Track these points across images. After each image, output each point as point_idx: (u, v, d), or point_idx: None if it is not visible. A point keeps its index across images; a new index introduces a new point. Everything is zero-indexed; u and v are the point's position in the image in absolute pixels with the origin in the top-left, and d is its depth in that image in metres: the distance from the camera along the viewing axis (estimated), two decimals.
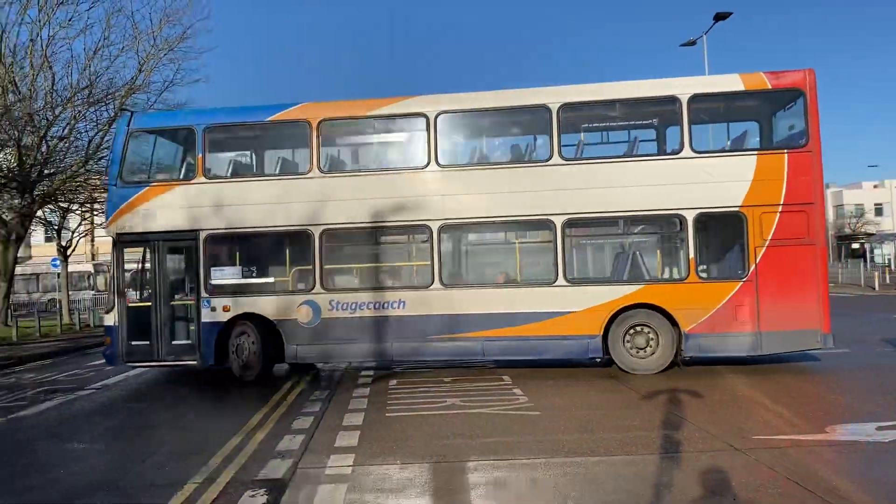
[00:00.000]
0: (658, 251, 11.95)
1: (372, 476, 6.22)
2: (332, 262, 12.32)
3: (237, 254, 12.65)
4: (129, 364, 12.58)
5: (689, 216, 11.20)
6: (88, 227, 36.00)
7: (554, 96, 11.75)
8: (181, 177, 13.04)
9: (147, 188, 12.62)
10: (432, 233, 11.73)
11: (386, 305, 11.90)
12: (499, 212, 11.77)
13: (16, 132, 23.40)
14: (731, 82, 11.49)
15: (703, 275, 11.40)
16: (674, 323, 11.16)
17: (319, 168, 12.10)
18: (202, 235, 12.25)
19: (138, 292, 12.92)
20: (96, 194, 30.40)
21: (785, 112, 11.88)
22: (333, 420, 8.55)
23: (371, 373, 12.33)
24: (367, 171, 12.80)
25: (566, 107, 11.71)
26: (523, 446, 7.03)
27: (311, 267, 12.04)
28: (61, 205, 30.01)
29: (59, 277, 35.44)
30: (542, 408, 8.83)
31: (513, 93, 12.26)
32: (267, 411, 9.27)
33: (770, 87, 11.36)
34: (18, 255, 28.44)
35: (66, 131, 27.30)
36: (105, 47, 27.79)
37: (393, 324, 11.78)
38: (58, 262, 33.27)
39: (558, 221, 11.45)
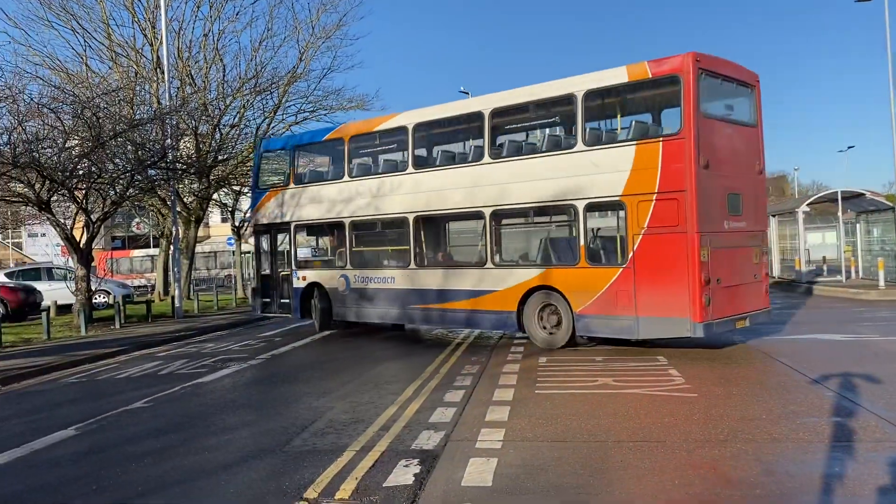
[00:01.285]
0: (559, 238, 12.79)
1: (522, 451, 6.23)
2: (357, 245, 15.78)
3: (311, 238, 17.30)
4: (262, 314, 18.39)
5: (581, 206, 11.89)
6: None
7: (486, 103, 13.37)
8: (282, 184, 17.27)
9: (268, 192, 17.47)
10: (409, 223, 14.27)
11: (384, 280, 15.06)
12: (448, 206, 13.86)
13: (193, 122, 25.32)
14: (617, 75, 11.75)
15: (592, 261, 11.92)
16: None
17: (349, 174, 15.58)
18: (292, 225, 16.70)
19: (266, 265, 17.87)
20: None
21: (669, 99, 11.75)
22: (484, 395, 8.65)
23: (521, 349, 12.35)
24: (373, 176, 15.40)
25: (494, 112, 13.21)
26: (678, 429, 6.77)
27: (344, 249, 15.76)
28: (234, 188, 32.18)
29: (233, 255, 38.22)
30: (699, 390, 8.46)
31: (458, 103, 14.92)
32: (420, 384, 9.54)
33: (651, 76, 11.43)
34: (198, 234, 30.95)
35: (236, 119, 29.27)
36: (269, 38, 29.46)
37: (388, 294, 14.89)
38: (232, 241, 35.79)
39: (487, 213, 13.09)
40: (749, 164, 12.17)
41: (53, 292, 24.43)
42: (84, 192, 19.93)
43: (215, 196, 31.41)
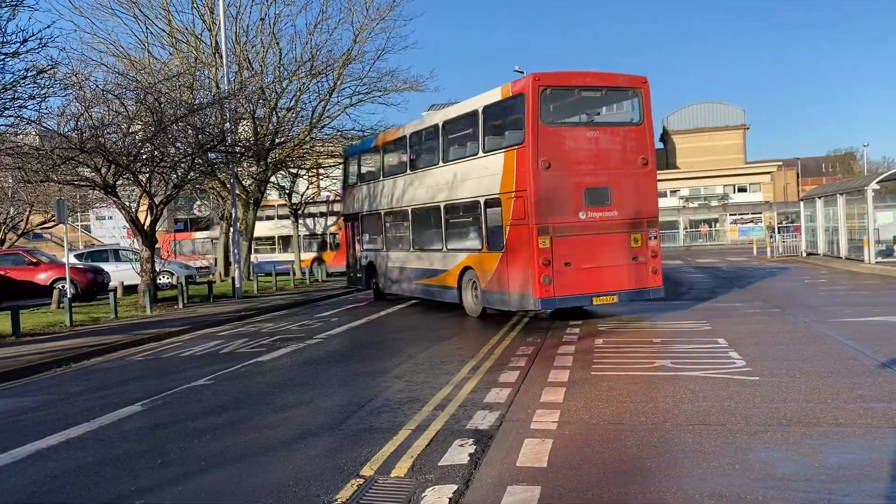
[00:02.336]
0: (474, 228, 14.92)
1: (578, 433, 6.19)
2: (388, 232, 18.97)
3: (369, 225, 20.14)
4: (349, 286, 22.92)
5: (482, 201, 14.22)
6: (315, 190, 38.95)
7: (441, 117, 16.02)
8: (354, 182, 21.23)
9: (350, 188, 21.58)
10: (408, 214, 17.53)
11: (399, 260, 18.39)
12: (421, 201, 16.84)
13: (251, 105, 25.72)
14: (496, 94, 13.96)
15: (489, 247, 14.13)
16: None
17: (382, 174, 19.05)
18: (359, 216, 20.66)
19: (350, 248, 21.90)
20: (321, 160, 32.75)
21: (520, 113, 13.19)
22: (539, 376, 8.61)
23: (577, 331, 12.25)
24: (391, 176, 18.60)
25: (445, 123, 15.70)
26: (739, 413, 6.62)
27: (381, 235, 19.27)
28: (291, 171, 32.64)
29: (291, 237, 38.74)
30: (761, 373, 8.25)
31: (428, 117, 17.74)
32: (474, 364, 9.55)
33: (511, 94, 13.40)
34: (257, 216, 31.50)
35: (292, 102, 29.62)
36: (323, 21, 29.64)
37: (402, 272, 18.32)
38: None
39: (441, 206, 15.90)
40: (626, 159, 13.51)
41: (120, 273, 25.27)
42: (147, 175, 20.50)
43: (273, 178, 31.89)
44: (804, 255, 31.31)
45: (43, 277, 22.80)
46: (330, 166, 33.67)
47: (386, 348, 11.81)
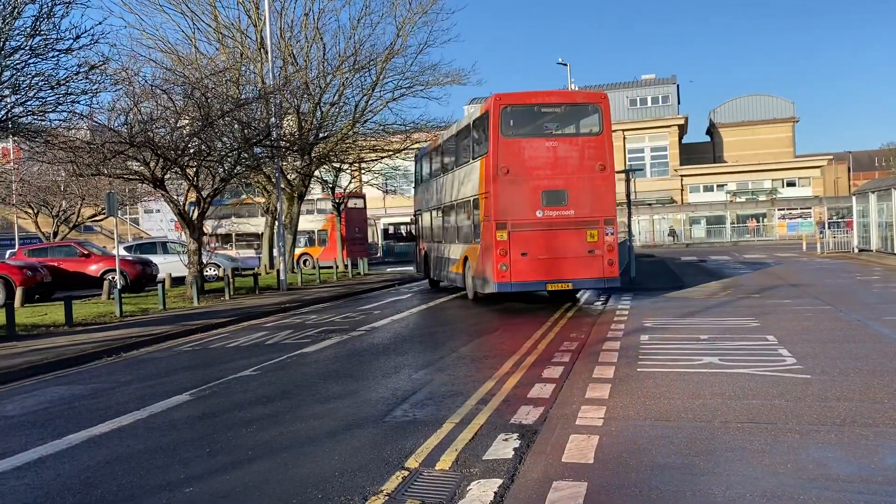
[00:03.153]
0: (470, 223, 17.06)
1: (624, 430, 6.11)
2: (432, 226, 21.70)
3: (423, 221, 23.25)
4: (416, 273, 25.82)
5: (471, 200, 16.73)
6: (357, 185, 39.19)
7: (455, 127, 18.99)
8: (416, 183, 24.70)
9: (417, 188, 24.53)
10: (441, 211, 20.16)
11: (439, 251, 20.86)
12: (449, 199, 19.17)
13: (295, 100, 25.95)
14: (478, 111, 16.44)
15: (476, 239, 16.46)
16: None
17: (430, 176, 22.02)
18: (418, 212, 24.11)
19: (416, 242, 25.23)
20: (363, 154, 32.92)
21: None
22: (583, 372, 8.53)
23: (621, 327, 12.11)
24: (431, 179, 21.73)
25: (458, 132, 18.51)
26: (790, 411, 6.46)
27: (429, 228, 22.09)
28: (334, 165, 32.84)
29: None
30: (813, 371, 8.04)
31: (450, 129, 20.41)
32: (518, 359, 9.51)
33: (483, 111, 15.91)
34: (301, 210, 31.82)
35: (335, 97, 29.80)
36: (367, 15, 29.71)
37: (440, 261, 20.66)
38: None
39: (455, 205, 18.54)
40: (585, 165, 15.45)
41: (168, 265, 25.79)
42: (195, 169, 20.84)
43: (316, 173, 32.14)
44: (856, 251, 30.46)
45: (94, 269, 23.38)
46: (372, 161, 33.86)
47: (428, 341, 11.83)
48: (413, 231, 27.41)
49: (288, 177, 29.12)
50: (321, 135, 28.47)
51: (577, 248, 15.19)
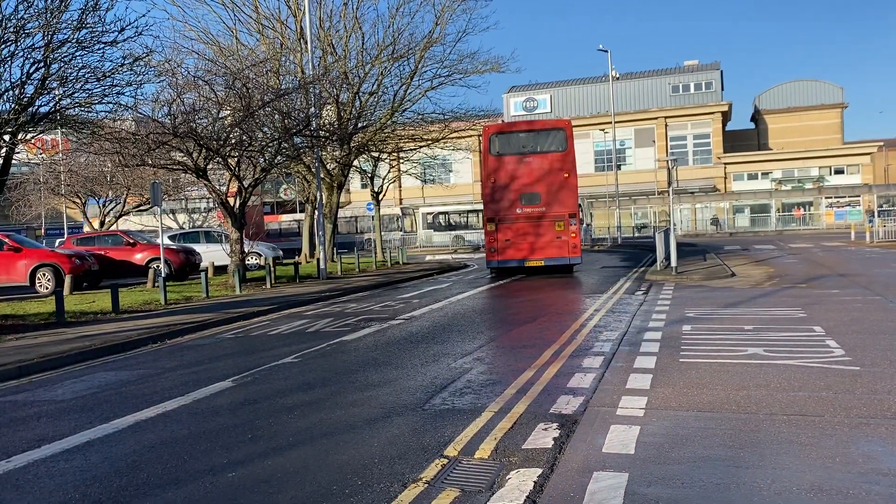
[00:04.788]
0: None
1: (666, 421, 6.02)
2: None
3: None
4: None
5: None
6: (396, 174, 39.32)
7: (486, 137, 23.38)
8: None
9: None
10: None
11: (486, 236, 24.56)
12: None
13: (334, 90, 26.07)
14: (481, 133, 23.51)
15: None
16: None
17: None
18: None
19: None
20: (402, 144, 32.97)
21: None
22: (624, 362, 8.44)
23: (663, 317, 11.94)
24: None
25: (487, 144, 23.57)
26: (838, 403, 6.30)
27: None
28: (373, 154, 32.96)
29: (372, 220, 39.34)
30: (862, 363, 7.83)
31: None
32: (557, 348, 9.44)
33: (481, 134, 22.38)
34: (340, 200, 32.03)
35: (374, 87, 29.86)
36: (405, 4, 29.61)
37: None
38: (371, 206, 36.81)
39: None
40: (556, 174, 20.72)
41: (211, 254, 26.22)
42: (236, 159, 21.10)
43: (355, 162, 32.29)
44: None
45: (139, 258, 23.89)
46: (410, 150, 33.90)
47: (466, 330, 11.82)
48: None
49: (327, 166, 29.32)
50: (360, 124, 28.57)
51: (548, 236, 20.64)
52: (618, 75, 52.40)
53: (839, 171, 60.84)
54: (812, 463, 4.91)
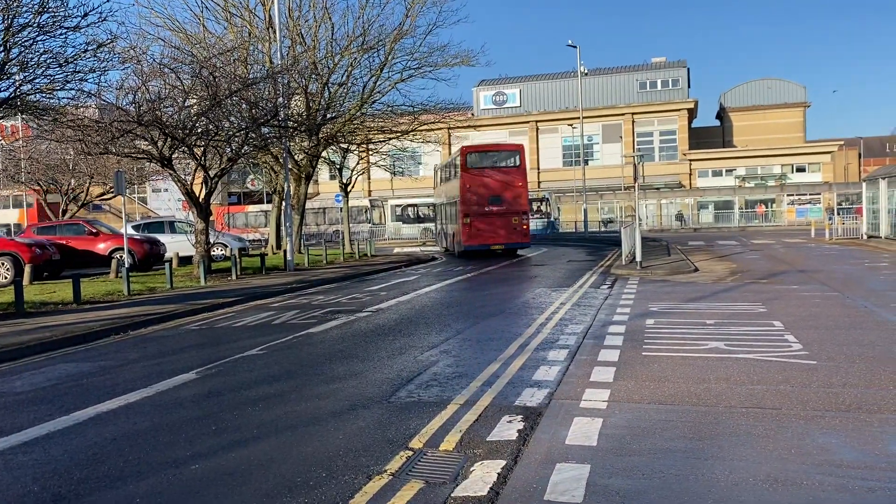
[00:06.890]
0: (456, 212, 28.10)
1: (628, 413, 6.12)
2: (443, 213, 33.82)
3: (440, 210, 35.57)
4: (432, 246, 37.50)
5: (455, 200, 28.21)
6: (365, 166, 39.13)
7: (452, 157, 30.11)
8: (436, 185, 36.07)
9: (435, 189, 36.60)
10: (445, 204, 32.66)
11: (447, 228, 31.76)
12: (448, 198, 31.56)
13: (303, 80, 25.85)
14: (458, 152, 29.07)
15: (458, 220, 28.12)
16: None
17: (441, 182, 34.05)
18: (439, 204, 35.96)
19: (437, 223, 37.53)
20: (371, 135, 32.83)
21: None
22: (588, 355, 8.54)
23: (627, 311, 12.10)
24: (443, 183, 33.76)
25: (452, 160, 30.13)
26: (795, 397, 6.46)
27: (442, 213, 34.39)
28: (342, 146, 32.77)
29: (341, 211, 39.16)
30: (819, 357, 8.03)
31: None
32: (523, 342, 9.52)
33: (457, 154, 28.59)
34: (308, 191, 31.80)
35: (343, 78, 29.67)
36: None
37: (447, 234, 31.64)
38: (340, 198, 36.62)
39: (452, 201, 29.23)
40: (511, 183, 27.65)
41: (175, 244, 25.88)
42: (202, 149, 20.84)
43: (324, 154, 32.07)
44: (864, 237, 30.30)
45: (102, 247, 23.49)
46: (380, 142, 33.79)
47: (433, 323, 11.85)
48: (434, 215, 39.35)
49: (295, 157, 29.10)
50: (329, 115, 28.39)
51: (508, 227, 27.38)
52: (586, 71, 52.70)
53: (801, 169, 62.04)
54: (769, 454, 5.03)
